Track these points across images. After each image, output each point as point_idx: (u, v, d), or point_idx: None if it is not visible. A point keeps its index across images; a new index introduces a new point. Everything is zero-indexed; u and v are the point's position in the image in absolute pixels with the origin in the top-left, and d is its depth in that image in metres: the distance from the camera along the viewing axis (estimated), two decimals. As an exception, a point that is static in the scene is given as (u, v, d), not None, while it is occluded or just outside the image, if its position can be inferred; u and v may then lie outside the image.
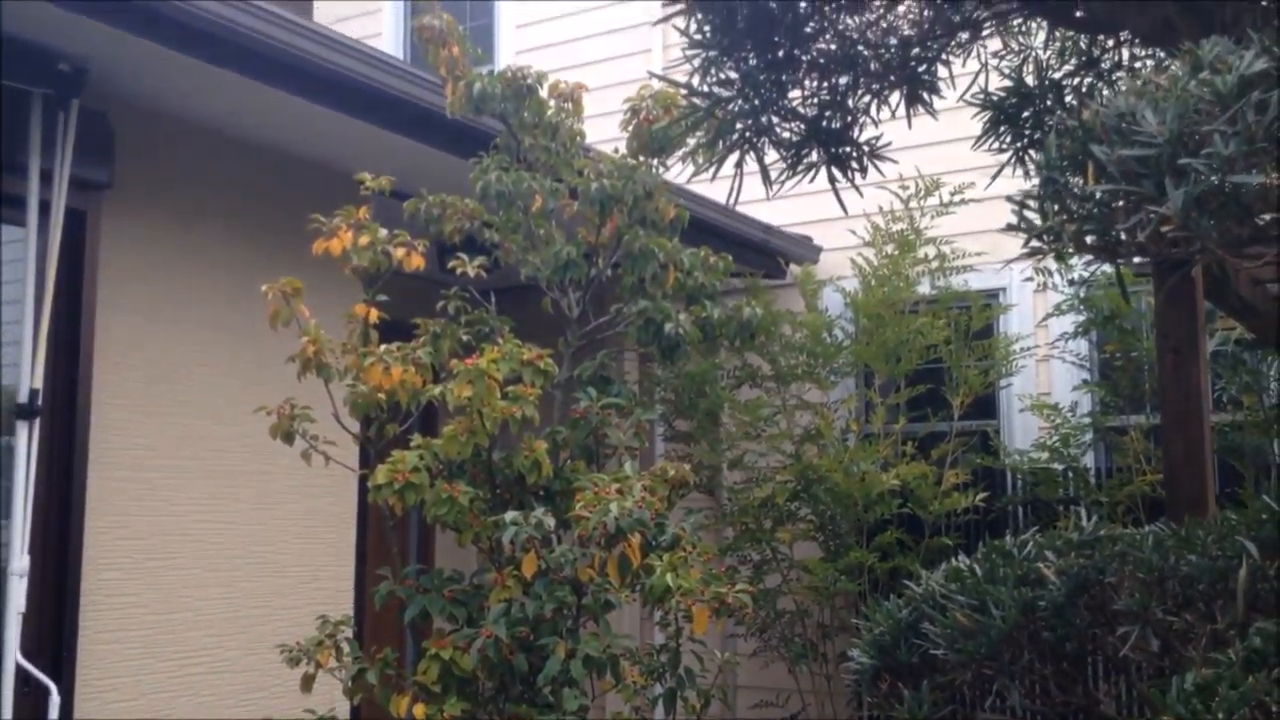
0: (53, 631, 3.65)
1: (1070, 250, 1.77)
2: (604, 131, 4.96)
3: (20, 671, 3.43)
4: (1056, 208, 1.72)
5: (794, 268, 6.31)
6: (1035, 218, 1.78)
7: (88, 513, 3.76)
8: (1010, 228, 1.80)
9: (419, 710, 2.96)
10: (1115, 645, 2.32)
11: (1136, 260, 3.68)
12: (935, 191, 5.68)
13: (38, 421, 3.56)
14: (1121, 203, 1.65)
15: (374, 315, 3.33)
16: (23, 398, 3.54)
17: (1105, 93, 2.90)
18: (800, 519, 5.69)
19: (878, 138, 2.95)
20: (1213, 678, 1.64)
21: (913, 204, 5.73)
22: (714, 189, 4.96)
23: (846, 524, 5.52)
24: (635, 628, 5.69)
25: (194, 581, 4.07)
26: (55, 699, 3.45)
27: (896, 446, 5.60)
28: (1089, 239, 1.66)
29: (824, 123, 2.89)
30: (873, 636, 2.72)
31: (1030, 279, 5.69)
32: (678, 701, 3.17)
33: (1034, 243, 1.78)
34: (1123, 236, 1.62)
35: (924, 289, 5.79)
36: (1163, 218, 1.54)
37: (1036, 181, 1.86)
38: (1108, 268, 5.23)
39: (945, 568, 2.79)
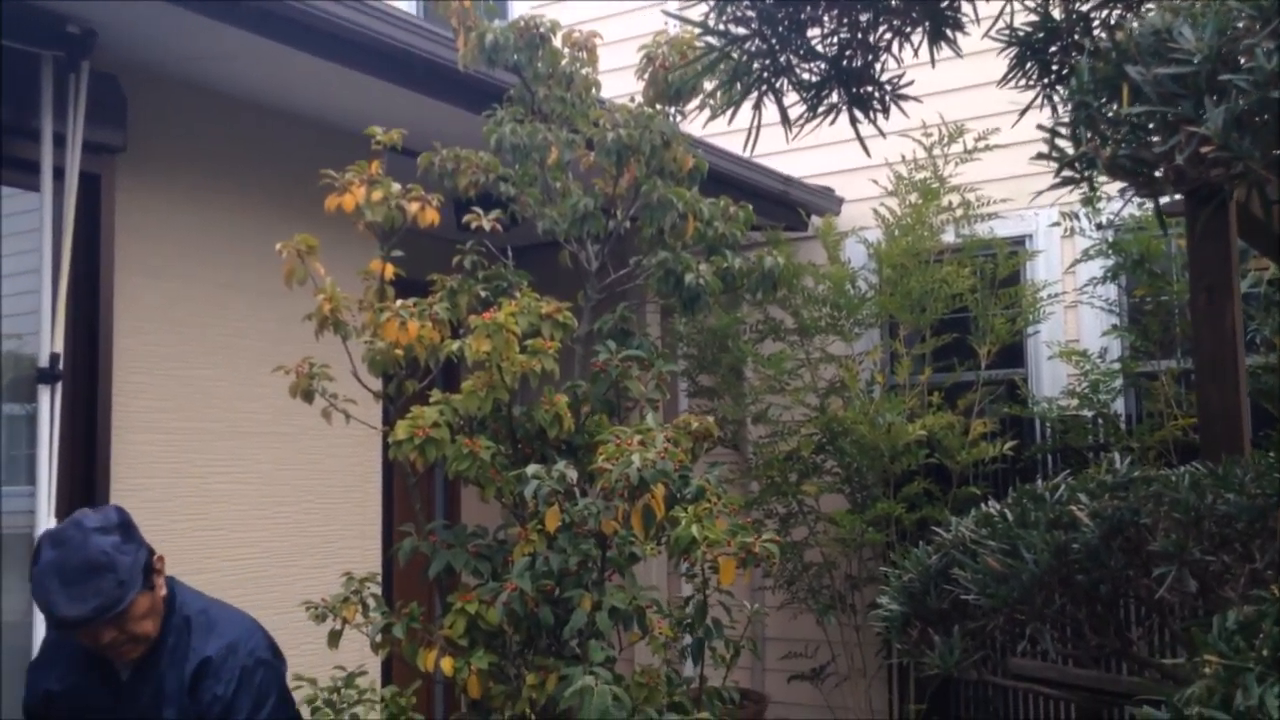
0: (81, 594, 3.66)
1: (1103, 179, 1.70)
2: (620, 87, 4.88)
3: (50, 633, 3.45)
4: (1089, 134, 1.65)
5: (815, 219, 6.23)
6: (1067, 146, 1.71)
7: (112, 476, 3.77)
8: (1040, 156, 1.73)
9: (446, 664, 2.95)
10: (1151, 587, 2.27)
11: (1166, 201, 3.59)
12: (959, 138, 5.58)
13: (59, 386, 3.56)
14: (1157, 126, 1.58)
15: (390, 271, 3.29)
16: (43, 362, 3.54)
17: (1135, 24, 2.80)
18: (826, 471, 5.66)
19: (900, 76, 2.87)
20: (1255, 615, 1.59)
21: (936, 151, 5.63)
22: (732, 142, 4.89)
23: (873, 476, 5.49)
24: (662, 580, 5.69)
25: (219, 542, 4.09)
26: (86, 660, 3.46)
27: (923, 397, 5.55)
28: (1124, 163, 1.59)
29: (845, 62, 2.80)
30: (901, 584, 2.68)
31: (1057, 224, 5.60)
32: (706, 652, 3.15)
33: (1065, 171, 1.71)
34: (1159, 160, 1.55)
35: (949, 237, 5.71)
36: (1202, 138, 1.47)
37: (1065, 117, 1.79)
38: (1135, 210, 5.14)
39: (975, 514, 2.74)
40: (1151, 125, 1.62)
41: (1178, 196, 3.44)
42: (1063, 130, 1.74)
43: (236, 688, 2.44)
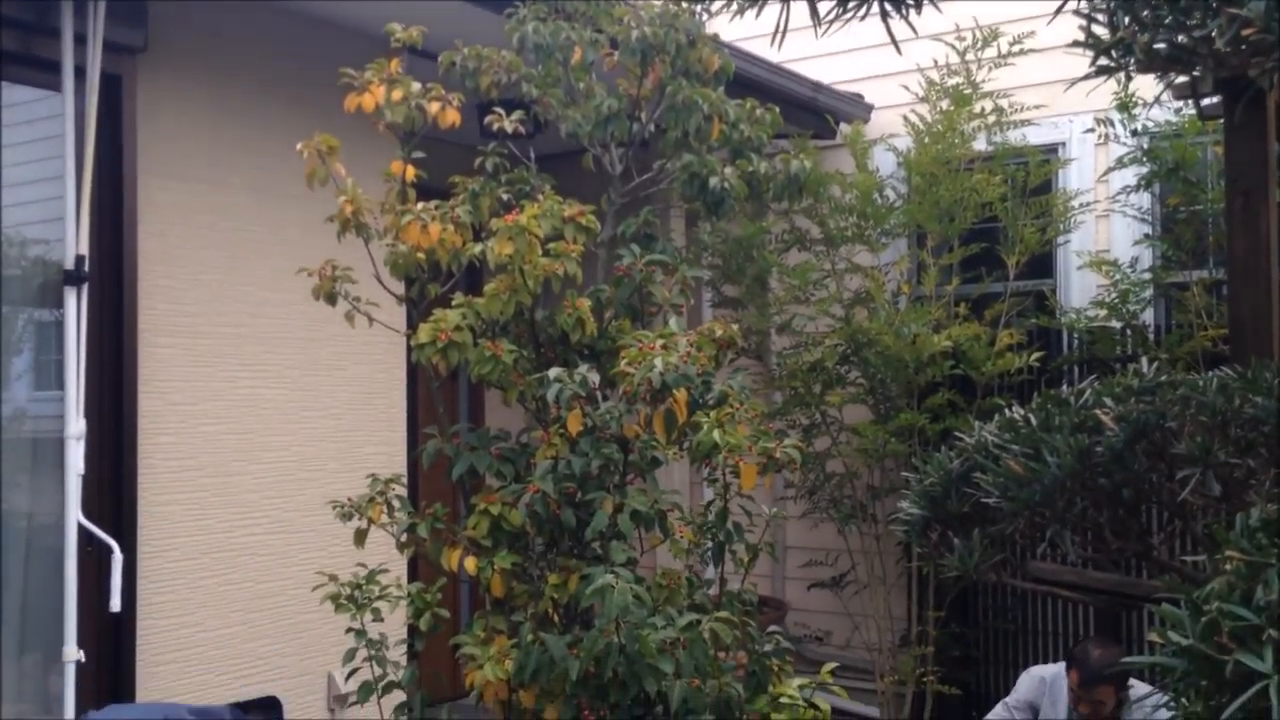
0: (112, 493, 3.73)
1: (1137, 68, 1.65)
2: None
3: (83, 531, 3.52)
4: (1127, 19, 1.59)
5: (844, 127, 6.12)
6: (1104, 32, 1.66)
7: (140, 379, 3.80)
8: (1076, 44, 1.68)
9: (470, 563, 2.99)
10: (1174, 490, 2.26)
11: (1205, 103, 3.48)
12: (993, 42, 5.44)
13: (85, 287, 3.58)
14: (1197, 10, 1.53)
15: (411, 173, 3.26)
16: (69, 264, 3.55)
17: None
18: (850, 383, 5.65)
19: (933, -30, 2.78)
20: (1278, 512, 1.58)
21: (969, 56, 5.50)
22: (760, 47, 4.77)
23: (897, 387, 5.47)
24: (684, 485, 5.73)
25: (248, 445, 4.13)
26: (118, 557, 3.54)
27: (949, 308, 5.50)
28: (1162, 50, 1.54)
29: (876, -46, 2.72)
30: (923, 487, 2.67)
31: (1091, 130, 5.48)
32: (726, 556, 3.18)
33: (1101, 60, 1.66)
34: (1197, 47, 1.50)
35: (980, 145, 5.60)
36: (1243, 21, 1.42)
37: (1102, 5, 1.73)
38: (1171, 116, 5.01)
39: (999, 419, 2.72)
40: (1193, 14, 1.56)
41: (1216, 99, 3.35)
42: (1100, 17, 1.69)
43: None
